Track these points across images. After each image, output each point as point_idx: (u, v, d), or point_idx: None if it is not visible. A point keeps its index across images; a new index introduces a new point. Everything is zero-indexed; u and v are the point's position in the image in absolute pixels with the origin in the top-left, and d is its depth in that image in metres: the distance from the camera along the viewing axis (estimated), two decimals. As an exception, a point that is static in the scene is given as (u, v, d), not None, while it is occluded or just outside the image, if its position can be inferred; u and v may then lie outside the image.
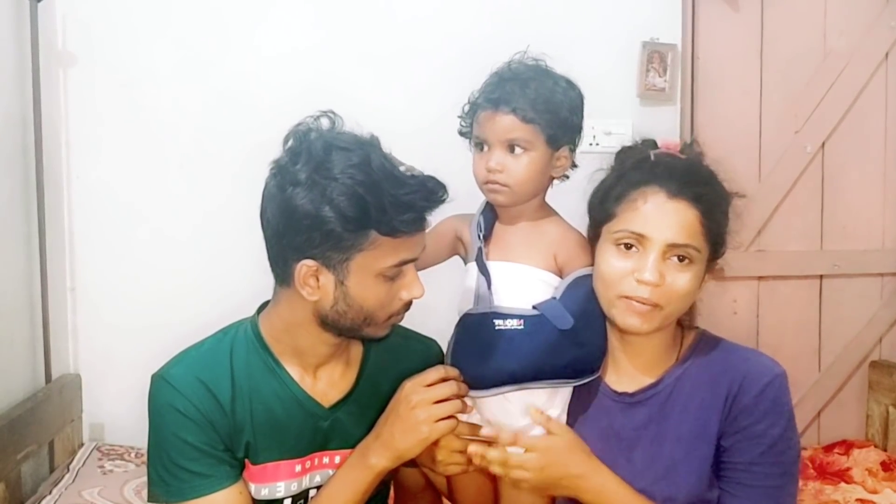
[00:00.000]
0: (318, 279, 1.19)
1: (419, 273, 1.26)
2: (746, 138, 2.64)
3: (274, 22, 2.41)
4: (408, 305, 1.26)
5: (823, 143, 2.68)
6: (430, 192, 1.18)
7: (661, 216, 1.21)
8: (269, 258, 1.23)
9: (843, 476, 2.44)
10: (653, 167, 1.25)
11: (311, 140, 1.18)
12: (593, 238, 1.30)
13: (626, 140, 2.10)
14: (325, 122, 1.21)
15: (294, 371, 1.29)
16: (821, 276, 2.72)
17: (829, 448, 2.63)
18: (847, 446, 2.60)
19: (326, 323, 1.23)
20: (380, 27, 2.44)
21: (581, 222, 1.34)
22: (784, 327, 2.71)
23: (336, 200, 1.13)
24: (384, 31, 2.44)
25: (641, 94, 2.52)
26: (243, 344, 1.28)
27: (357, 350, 1.35)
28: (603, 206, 1.27)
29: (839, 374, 2.74)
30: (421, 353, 1.39)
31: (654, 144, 1.30)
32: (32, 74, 2.20)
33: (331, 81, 2.37)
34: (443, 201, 1.20)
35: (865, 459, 2.50)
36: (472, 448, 1.26)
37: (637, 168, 1.26)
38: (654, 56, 2.49)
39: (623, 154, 1.32)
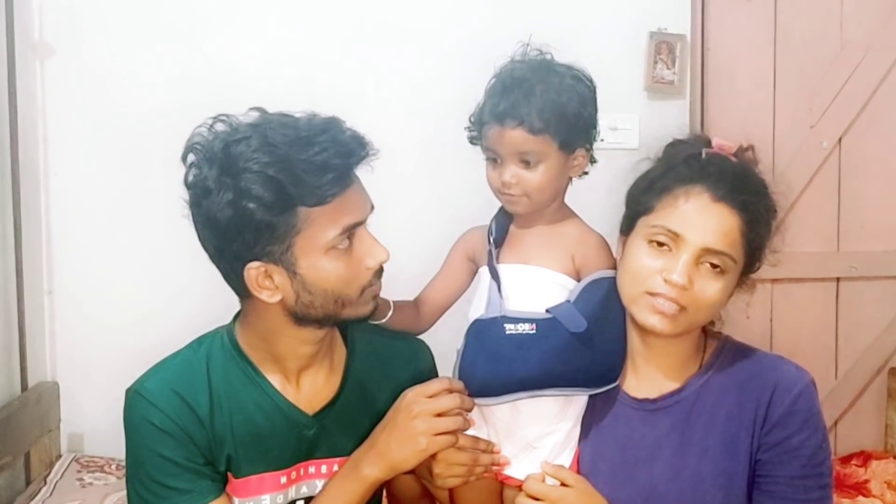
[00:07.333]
0: (271, 278, 1.17)
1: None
2: (759, 133, 2.54)
3: (260, 12, 2.37)
4: (379, 273, 1.24)
5: (840, 139, 2.62)
6: (346, 148, 1.15)
7: (701, 218, 1.19)
8: (223, 277, 1.23)
9: (860, 489, 2.40)
10: (704, 166, 1.22)
11: (209, 144, 1.17)
12: (627, 229, 1.28)
13: (632, 136, 2.08)
14: (220, 127, 1.19)
15: (275, 379, 1.27)
16: (837, 279, 2.68)
17: (846, 459, 2.58)
18: (865, 458, 2.56)
19: (299, 318, 1.21)
20: (375, 16, 2.39)
21: (597, 218, 1.33)
22: (799, 332, 2.67)
23: (252, 191, 1.11)
24: (380, 21, 2.39)
25: (649, 88, 2.46)
26: (220, 353, 1.27)
27: (341, 354, 1.34)
28: (644, 198, 1.25)
29: (857, 381, 2.70)
30: (408, 354, 1.39)
31: (707, 142, 1.27)
32: (8, 66, 2.18)
33: (322, 73, 2.34)
34: (363, 158, 1.18)
35: (884, 472, 2.45)
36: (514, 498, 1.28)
37: (687, 163, 1.24)
38: (663, 47, 2.44)
39: (672, 147, 1.30)
